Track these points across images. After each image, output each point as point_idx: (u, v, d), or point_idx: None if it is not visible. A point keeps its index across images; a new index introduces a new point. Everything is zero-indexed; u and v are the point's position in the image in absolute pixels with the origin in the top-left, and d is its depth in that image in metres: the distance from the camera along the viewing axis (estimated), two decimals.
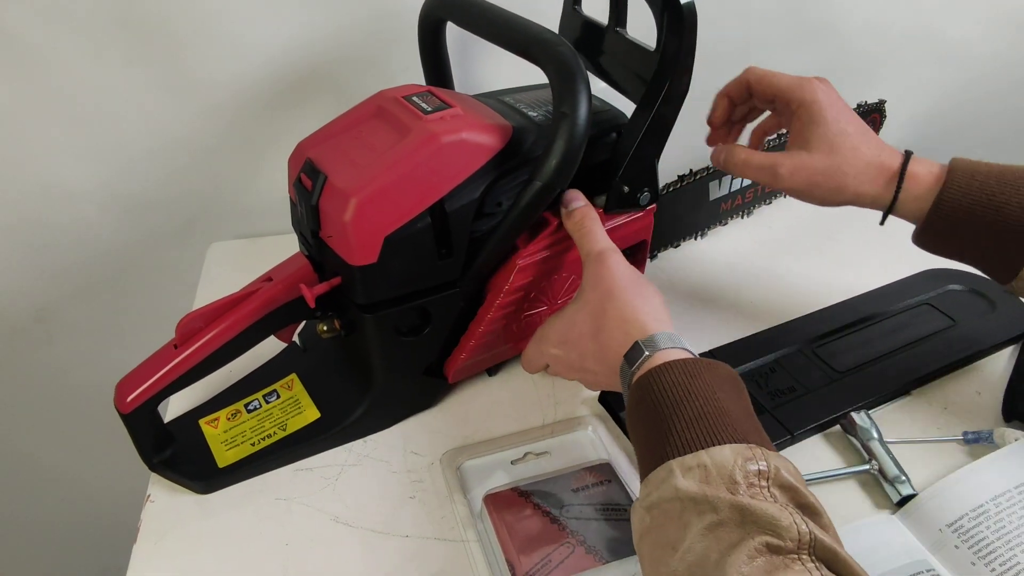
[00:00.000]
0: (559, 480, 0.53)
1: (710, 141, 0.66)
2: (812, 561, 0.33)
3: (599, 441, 0.58)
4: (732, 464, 0.36)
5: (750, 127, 0.67)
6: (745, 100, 0.63)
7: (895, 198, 0.55)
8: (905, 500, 0.52)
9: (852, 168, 0.55)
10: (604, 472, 0.54)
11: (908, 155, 0.55)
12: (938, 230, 0.54)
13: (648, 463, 0.40)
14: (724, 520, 0.35)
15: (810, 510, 0.37)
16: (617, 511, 0.51)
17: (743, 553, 0.33)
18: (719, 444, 0.37)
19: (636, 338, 0.45)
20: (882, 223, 0.57)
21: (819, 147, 0.56)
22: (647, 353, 0.44)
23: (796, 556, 0.33)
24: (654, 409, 0.41)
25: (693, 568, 0.34)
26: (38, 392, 0.90)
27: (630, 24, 0.59)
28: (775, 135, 0.71)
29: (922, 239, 0.56)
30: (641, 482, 0.41)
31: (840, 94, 0.58)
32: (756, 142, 0.67)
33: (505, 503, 0.52)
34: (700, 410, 0.39)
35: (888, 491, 0.53)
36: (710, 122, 0.65)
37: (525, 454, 0.56)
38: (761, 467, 0.37)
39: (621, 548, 0.49)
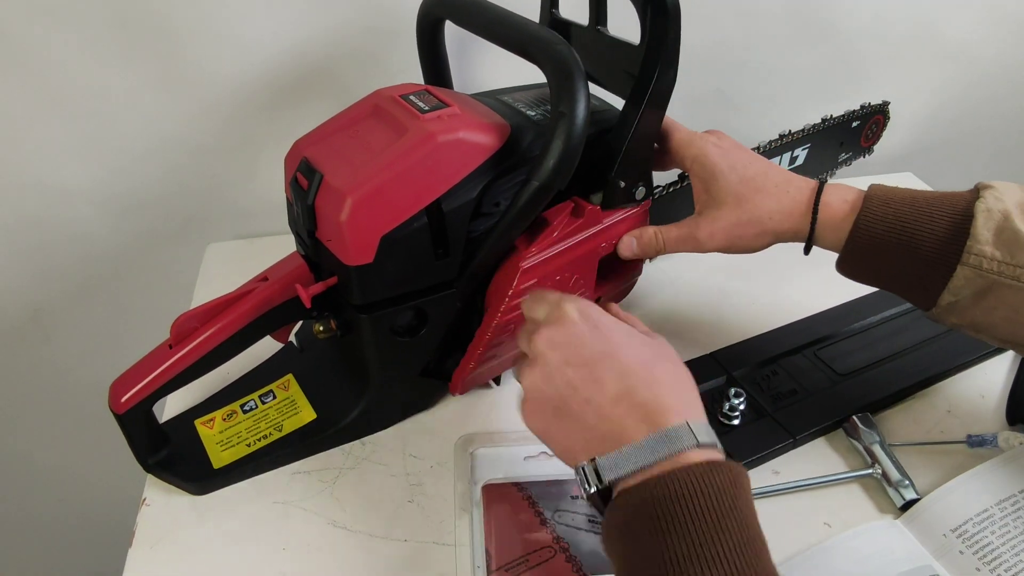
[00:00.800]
0: (561, 485, 0.53)
1: None
2: None
3: None
4: None
5: None
6: None
7: (811, 230, 0.53)
8: (908, 504, 0.51)
9: (764, 212, 0.54)
10: None
11: (821, 185, 0.54)
12: (856, 259, 0.52)
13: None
14: None
15: None
16: None
17: None
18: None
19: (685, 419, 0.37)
20: (806, 253, 0.56)
21: (726, 200, 0.55)
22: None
23: None
24: (701, 509, 0.33)
25: None
26: (35, 392, 0.89)
27: (610, 22, 0.59)
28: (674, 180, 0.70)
29: (842, 267, 0.54)
30: None
31: (735, 139, 0.57)
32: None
33: (501, 495, 0.52)
34: (750, 532, 0.33)
35: (891, 495, 0.52)
36: None
37: (540, 452, 0.56)
38: None
39: (601, 565, 0.48)
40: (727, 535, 0.32)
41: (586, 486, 0.36)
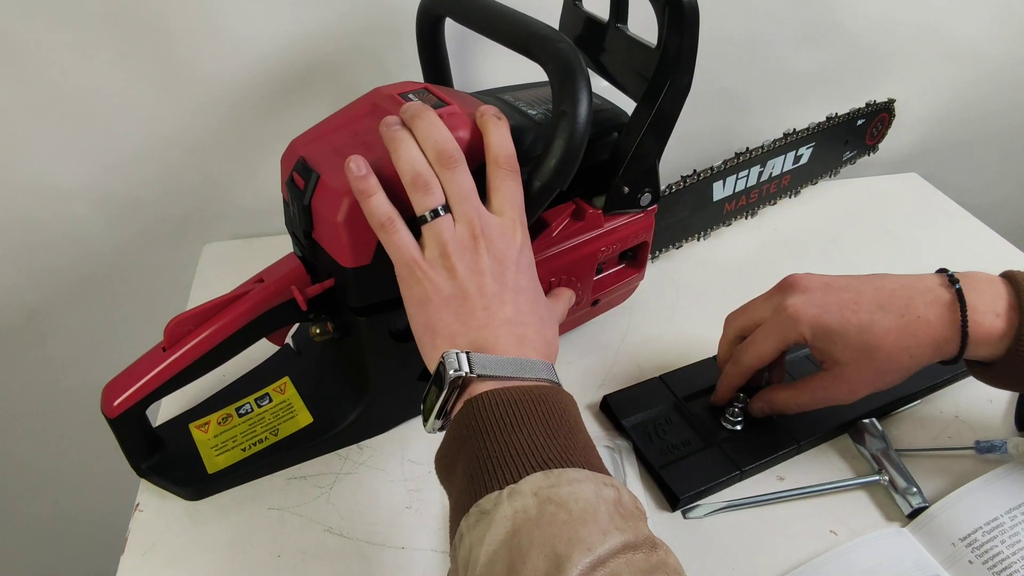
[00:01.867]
0: None
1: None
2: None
3: (619, 461, 0.56)
4: (630, 498, 0.36)
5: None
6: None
7: (960, 353, 0.48)
8: (916, 512, 0.51)
9: (903, 352, 0.48)
10: None
11: (960, 295, 0.47)
12: (1014, 374, 0.47)
13: (539, 456, 0.36)
14: (640, 544, 0.33)
15: None
16: None
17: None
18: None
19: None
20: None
21: (853, 359, 0.49)
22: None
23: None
24: (564, 413, 0.39)
25: None
26: (30, 393, 0.89)
27: (631, 20, 0.57)
28: None
29: (990, 379, 0.49)
30: (475, 487, 0.36)
31: (820, 271, 0.53)
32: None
33: None
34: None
35: (899, 503, 0.51)
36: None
37: None
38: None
39: None
40: (561, 427, 0.38)
41: (453, 370, 0.39)
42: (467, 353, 0.40)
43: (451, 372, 0.39)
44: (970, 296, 0.47)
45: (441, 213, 0.43)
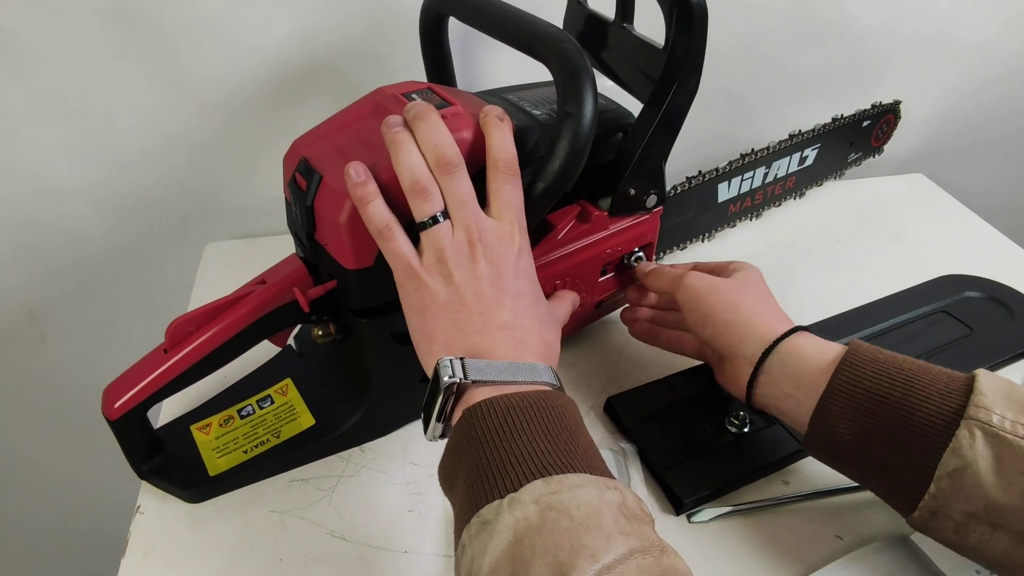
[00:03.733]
0: None
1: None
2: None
3: (623, 464, 0.55)
4: (635, 500, 0.36)
5: None
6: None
7: (772, 347, 0.49)
8: None
9: (755, 300, 0.53)
10: None
11: (794, 329, 0.50)
12: (842, 407, 0.45)
13: (538, 463, 0.35)
14: (648, 549, 0.32)
15: None
16: None
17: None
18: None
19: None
20: (748, 402, 0.52)
21: (734, 279, 0.55)
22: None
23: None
24: (564, 417, 0.39)
25: None
26: (30, 393, 0.88)
27: (637, 20, 0.57)
28: None
29: (820, 422, 0.46)
30: (476, 496, 0.35)
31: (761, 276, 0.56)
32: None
33: None
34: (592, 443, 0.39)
35: None
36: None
37: None
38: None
39: None
40: (562, 432, 0.37)
41: (448, 376, 0.39)
42: (461, 359, 0.40)
43: (445, 378, 0.39)
44: (801, 334, 0.50)
45: (440, 219, 0.43)
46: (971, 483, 0.40)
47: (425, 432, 0.42)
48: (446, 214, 0.44)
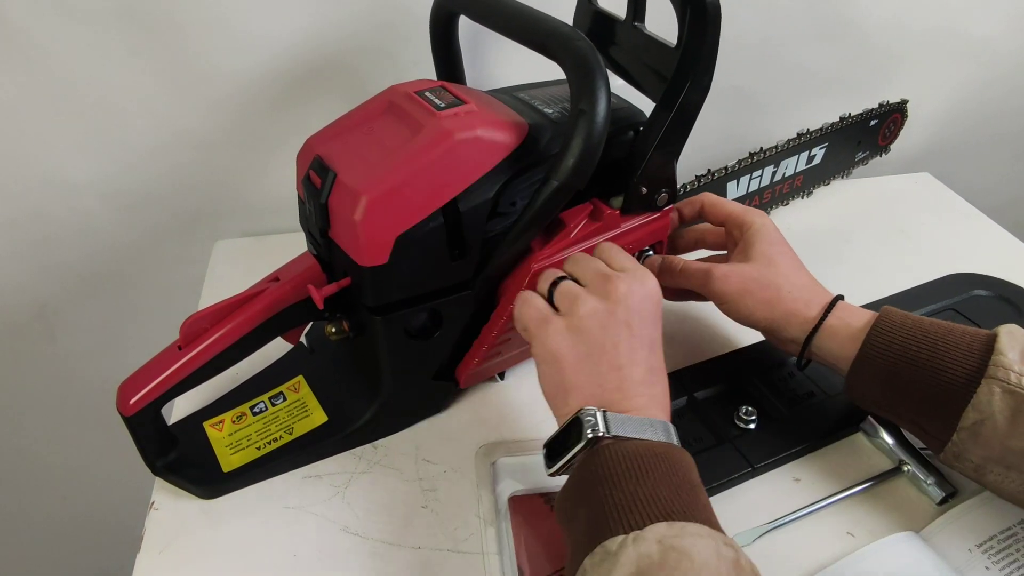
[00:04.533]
0: None
1: None
2: None
3: None
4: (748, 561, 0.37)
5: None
6: (695, 220, 0.63)
7: (819, 324, 0.53)
8: (948, 497, 0.51)
9: (787, 283, 0.54)
10: None
11: (839, 297, 0.54)
12: (873, 369, 0.50)
13: (664, 508, 0.37)
14: None
15: None
16: None
17: None
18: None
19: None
20: (800, 363, 0.56)
21: (757, 259, 0.55)
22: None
23: None
24: (688, 470, 0.41)
25: None
26: (40, 390, 0.88)
27: (649, 18, 0.57)
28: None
29: (855, 380, 0.51)
30: (598, 530, 0.37)
31: None
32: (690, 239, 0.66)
33: (529, 508, 0.50)
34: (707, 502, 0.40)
35: (928, 491, 0.51)
36: None
37: None
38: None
39: None
40: (684, 484, 0.39)
41: (591, 429, 0.41)
42: (603, 412, 0.41)
43: (588, 432, 0.40)
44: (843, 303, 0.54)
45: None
46: (989, 433, 0.44)
47: (549, 469, 0.43)
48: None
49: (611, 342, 0.44)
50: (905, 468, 0.53)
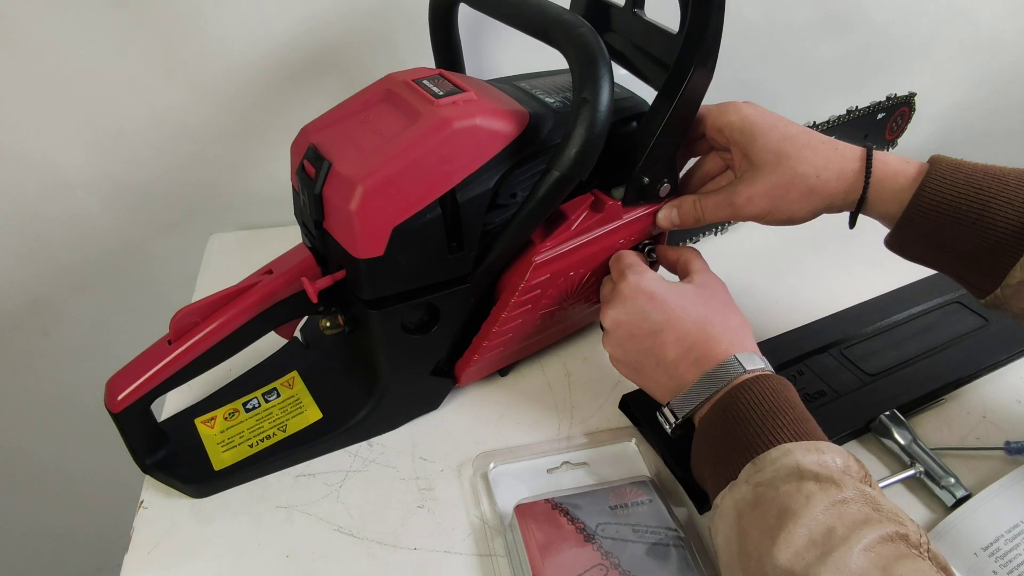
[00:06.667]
0: (597, 495, 0.49)
1: None
2: (934, 563, 0.35)
3: (640, 456, 0.54)
4: (845, 459, 0.39)
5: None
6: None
7: (864, 192, 0.49)
8: (960, 502, 0.49)
9: (811, 168, 0.49)
10: (645, 490, 0.50)
11: (871, 147, 0.50)
12: (916, 230, 0.48)
13: (745, 452, 0.41)
14: (850, 499, 0.36)
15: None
16: (656, 534, 0.47)
17: (876, 534, 0.35)
18: (824, 441, 0.40)
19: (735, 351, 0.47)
20: (852, 225, 0.52)
21: (767, 160, 0.50)
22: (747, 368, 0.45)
23: (920, 554, 0.35)
24: (759, 406, 0.43)
25: (816, 537, 0.35)
26: (33, 386, 0.87)
27: (648, 4, 0.56)
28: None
29: (896, 240, 0.50)
30: (715, 488, 0.42)
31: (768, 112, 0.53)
32: (699, 184, 0.59)
33: (537, 515, 0.48)
34: (801, 414, 0.43)
35: (939, 494, 0.50)
36: None
37: (563, 463, 0.53)
38: (866, 470, 0.39)
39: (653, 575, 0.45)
40: (781, 416, 0.42)
41: (668, 424, 0.47)
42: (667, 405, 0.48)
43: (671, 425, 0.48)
44: (882, 152, 0.51)
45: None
46: None
47: (671, 425, 0.48)
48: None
49: (635, 350, 0.50)
50: (917, 469, 0.51)
